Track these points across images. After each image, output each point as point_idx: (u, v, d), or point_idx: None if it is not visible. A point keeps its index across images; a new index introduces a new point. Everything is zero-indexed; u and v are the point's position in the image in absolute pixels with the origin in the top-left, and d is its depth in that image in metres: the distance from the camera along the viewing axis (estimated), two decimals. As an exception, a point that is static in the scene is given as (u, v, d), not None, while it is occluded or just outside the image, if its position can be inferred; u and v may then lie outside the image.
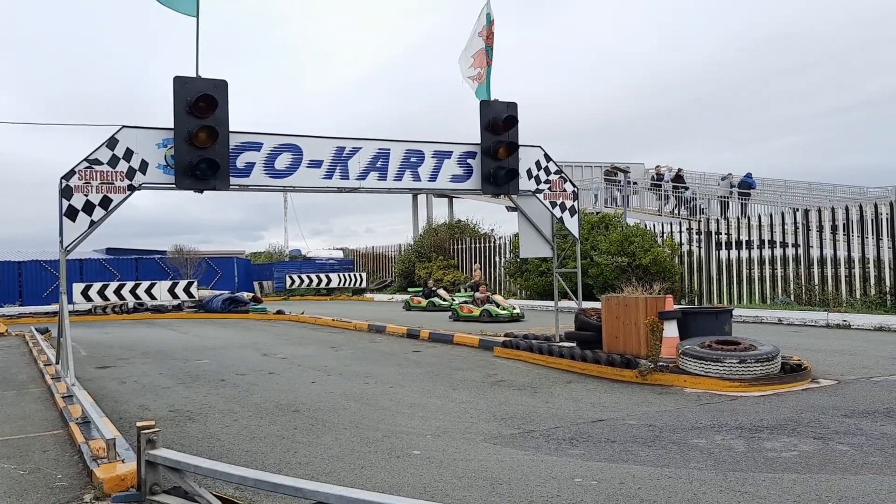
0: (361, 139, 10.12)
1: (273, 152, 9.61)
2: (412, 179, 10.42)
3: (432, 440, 6.38)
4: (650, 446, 6.00)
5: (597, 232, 22.96)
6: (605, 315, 10.67)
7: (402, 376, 10.12)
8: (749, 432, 6.35)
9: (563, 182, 11.69)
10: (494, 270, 30.70)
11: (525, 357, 11.43)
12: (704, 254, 22.13)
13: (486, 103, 10.85)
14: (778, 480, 4.95)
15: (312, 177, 9.83)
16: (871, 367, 9.66)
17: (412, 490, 4.92)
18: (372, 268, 40.40)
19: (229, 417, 7.54)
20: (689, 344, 9.15)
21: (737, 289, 21.09)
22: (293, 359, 12.36)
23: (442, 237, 33.60)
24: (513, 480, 5.11)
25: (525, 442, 6.27)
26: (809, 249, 19.30)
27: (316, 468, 5.53)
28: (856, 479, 4.94)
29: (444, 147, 10.70)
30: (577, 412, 7.48)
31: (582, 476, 5.18)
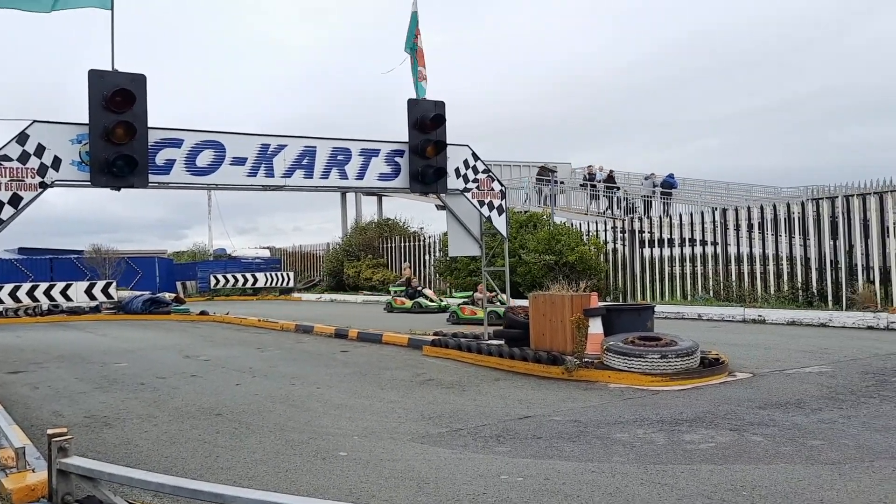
0: (287, 136, 9.95)
1: (194, 149, 9.36)
2: (339, 177, 10.31)
3: (359, 441, 6.32)
4: (575, 441, 6.09)
5: (525, 231, 23.23)
6: (533, 313, 10.80)
7: (330, 377, 10.01)
8: (669, 425, 6.52)
9: (491, 181, 11.77)
10: (424, 269, 30.72)
11: (454, 356, 11.46)
12: (628, 252, 22.66)
13: (414, 102, 10.83)
14: (696, 472, 5.09)
15: (236, 175, 9.62)
16: (784, 360, 10.06)
17: (337, 492, 4.85)
18: (300, 267, 39.87)
19: (148, 422, 7.30)
20: (613, 340, 9.35)
21: (659, 286, 21.68)
22: (217, 360, 12.07)
23: (371, 236, 33.40)
24: (439, 479, 5.10)
25: (452, 440, 6.28)
26: (727, 247, 19.99)
27: (238, 473, 5.40)
28: (768, 468, 5.13)
29: (371, 145, 10.63)
30: (504, 409, 7.53)
31: (508, 473, 5.21)
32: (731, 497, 4.53)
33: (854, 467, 5.07)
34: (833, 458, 5.31)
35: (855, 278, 16.63)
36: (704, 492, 4.65)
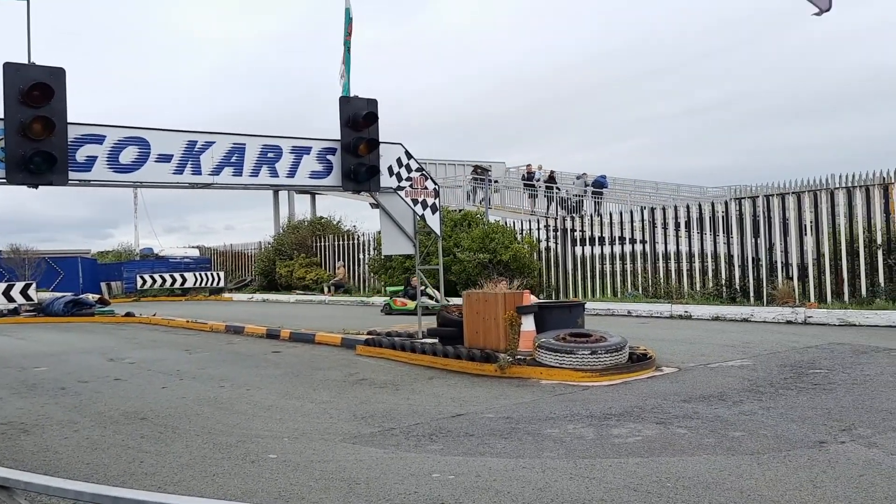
0: (214, 133, 9.74)
1: (117, 145, 9.07)
2: (269, 175, 10.14)
3: (290, 443, 6.23)
4: (507, 438, 6.15)
5: (460, 229, 23.32)
6: (466, 311, 10.85)
7: (260, 378, 9.84)
8: (598, 420, 6.64)
9: (425, 179, 11.77)
10: (358, 268, 30.53)
11: (388, 355, 11.42)
12: (561, 250, 22.99)
13: (346, 99, 10.75)
14: (623, 465, 5.20)
15: (162, 172, 9.37)
16: (708, 354, 10.37)
17: (266, 495, 4.78)
18: (231, 266, 39.10)
19: (69, 428, 7.04)
20: (545, 337, 9.47)
21: (591, 283, 22.07)
22: (142, 363, 11.73)
23: (304, 234, 32.99)
24: (371, 480, 5.07)
25: (385, 440, 6.25)
26: (656, 245, 20.49)
27: (164, 478, 5.26)
28: (692, 459, 5.28)
29: (302, 143, 10.50)
30: (437, 408, 7.55)
31: (440, 471, 5.22)
32: (656, 488, 4.65)
33: (772, 457, 5.27)
34: (753, 448, 5.50)
35: (775, 275, 17.28)
36: (631, 484, 4.75)
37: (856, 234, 15.89)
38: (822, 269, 16.42)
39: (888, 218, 15.50)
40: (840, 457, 5.20)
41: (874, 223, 15.69)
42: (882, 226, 15.52)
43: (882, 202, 15.65)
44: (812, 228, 16.79)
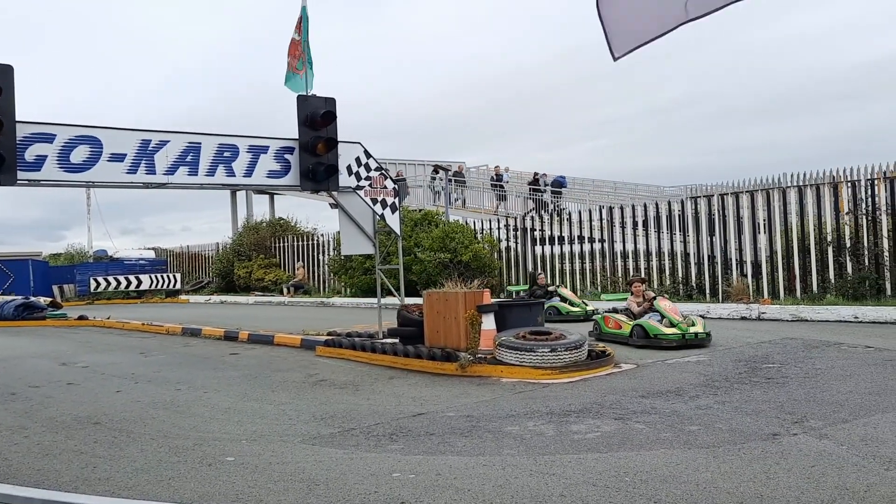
0: (169, 132, 9.57)
1: (68, 144, 8.86)
2: (226, 175, 10.00)
3: (248, 445, 6.15)
4: (467, 436, 6.15)
5: (420, 229, 23.29)
6: (427, 310, 10.84)
7: (218, 380, 9.70)
8: (558, 417, 6.68)
9: (384, 179, 11.73)
10: (318, 269, 30.30)
11: (348, 355, 11.35)
12: (521, 250, 23.12)
13: (304, 98, 10.65)
14: (582, 461, 5.24)
15: (114, 171, 9.17)
16: (665, 350, 10.50)
17: (223, 498, 4.70)
18: (187, 268, 38.49)
19: (19, 434, 6.85)
20: (506, 336, 9.50)
21: (551, 282, 22.21)
22: (96, 367, 11.47)
23: (263, 235, 32.63)
24: (330, 480, 5.03)
25: (345, 440, 6.21)
26: (614, 244, 20.73)
27: (117, 483, 5.14)
28: (650, 454, 5.35)
29: (260, 142, 10.37)
30: (398, 408, 7.52)
31: (400, 470, 5.20)
32: (615, 483, 4.69)
33: (727, 450, 5.36)
34: (708, 442, 5.59)
35: (730, 272, 17.60)
36: (590, 479, 4.79)
37: (807, 232, 16.28)
38: (776, 266, 16.79)
39: (838, 216, 15.91)
40: (792, 448, 5.31)
41: (824, 221, 16.09)
42: (832, 224, 15.92)
43: (832, 201, 16.06)
44: (765, 227, 17.16)
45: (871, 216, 15.33)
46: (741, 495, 4.38)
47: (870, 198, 15.41)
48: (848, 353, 9.59)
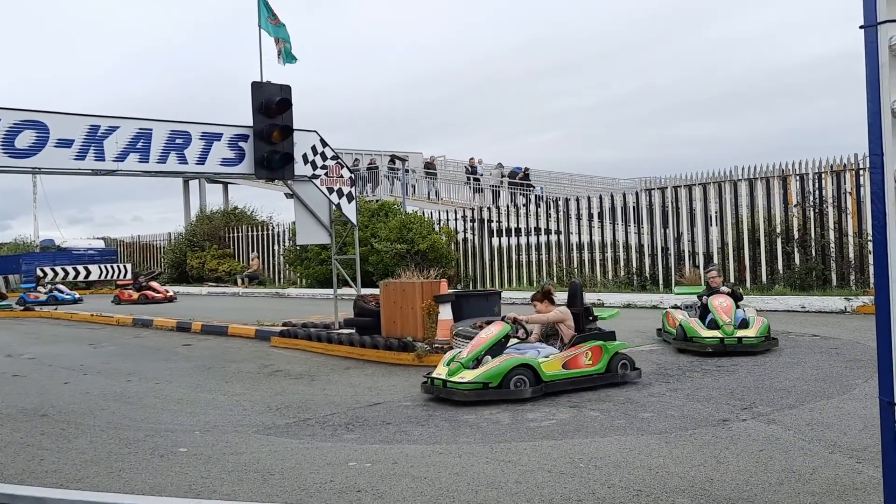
0: (119, 118, 9.33)
1: (13, 129, 8.58)
2: (178, 162, 9.80)
3: (201, 436, 6.06)
4: (423, 425, 6.15)
5: (377, 219, 23.18)
6: (384, 300, 10.81)
7: (170, 371, 9.53)
8: (514, 405, 6.72)
9: (340, 168, 11.63)
10: (273, 259, 29.95)
11: (303, 346, 11.25)
12: (478, 240, 23.19)
13: (258, 85, 10.48)
14: (538, 447, 5.28)
15: (62, 157, 8.91)
16: (620, 339, 10.61)
17: (175, 489, 4.62)
18: (138, 258, 37.71)
19: (-39, 428, 6.64)
20: (463, 325, 9.51)
21: (507, 273, 22.34)
22: (43, 359, 11.18)
23: (217, 225, 32.12)
24: (286, 470, 4.98)
25: (300, 431, 6.16)
26: (570, 236, 20.92)
27: (66, 475, 5.02)
28: (604, 440, 5.42)
29: (213, 129, 10.18)
30: (354, 397, 7.49)
31: (356, 460, 5.18)
32: (570, 469, 4.74)
33: (679, 435, 5.46)
34: (661, 428, 5.69)
35: (683, 263, 17.90)
36: (545, 466, 4.83)
37: (757, 224, 16.65)
38: (727, 257, 17.13)
39: (787, 209, 16.30)
40: (742, 434, 5.44)
41: (774, 213, 16.47)
42: (781, 216, 16.30)
43: (781, 193, 16.44)
44: (717, 219, 17.49)
45: (818, 209, 15.74)
46: (692, 479, 4.46)
47: (817, 191, 15.82)
48: (795, 341, 9.83)
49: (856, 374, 7.48)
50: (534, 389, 6.87)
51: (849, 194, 15.30)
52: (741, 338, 8.89)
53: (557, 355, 7.26)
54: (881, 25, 2.54)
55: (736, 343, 8.85)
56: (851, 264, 15.12)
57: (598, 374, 7.37)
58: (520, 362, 6.98)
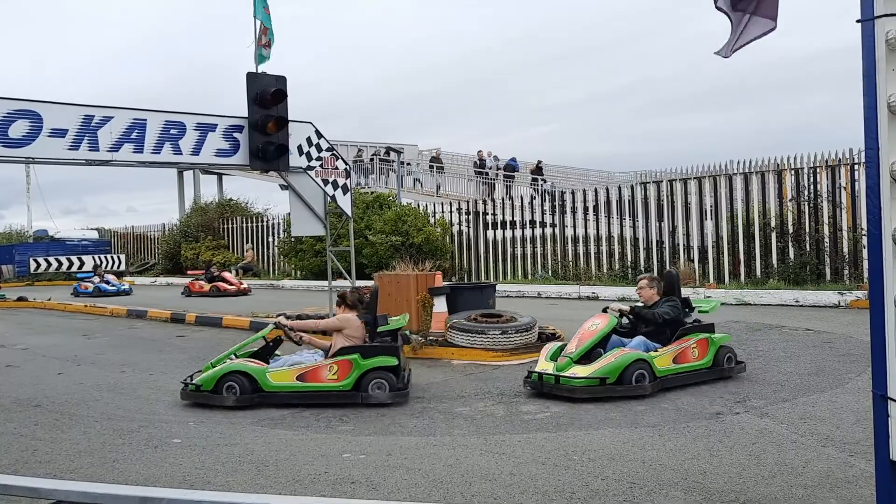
0: (113, 108, 9.27)
1: (6, 119, 8.51)
2: (173, 153, 9.74)
3: (195, 427, 6.05)
4: (418, 417, 6.16)
5: (371, 211, 23.14)
6: (379, 293, 10.78)
7: (164, 363, 9.52)
8: (508, 398, 6.74)
9: (335, 160, 11.60)
10: (268, 251, 29.88)
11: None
12: (473, 233, 23.17)
13: (254, 76, 10.42)
14: (532, 440, 5.29)
15: (56, 147, 8.85)
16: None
17: (170, 480, 4.62)
18: (132, 249, 37.59)
19: (-46, 418, 6.62)
20: (457, 318, 9.52)
21: (502, 266, 22.34)
22: (37, 349, 11.14)
23: (211, 216, 32.02)
24: (280, 461, 4.99)
25: (294, 422, 6.16)
26: (565, 229, 20.91)
27: (59, 466, 5.02)
28: (598, 433, 5.43)
29: (208, 119, 10.12)
30: (348, 389, 7.47)
31: (351, 451, 5.18)
32: (563, 461, 4.75)
33: (672, 428, 5.48)
34: (654, 421, 5.71)
35: (677, 257, 17.94)
36: (539, 458, 4.85)
37: (752, 218, 16.66)
38: (721, 251, 17.15)
39: (781, 203, 16.32)
40: (735, 427, 5.46)
41: (769, 207, 16.49)
42: (776, 210, 16.32)
43: (776, 187, 16.46)
44: (712, 212, 17.51)
45: (812, 203, 15.76)
46: (686, 472, 4.48)
47: (812, 185, 15.84)
48: (789, 335, 9.87)
49: (849, 367, 7.51)
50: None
51: (843, 189, 15.32)
52: (560, 377, 6.67)
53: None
54: (878, 20, 2.54)
55: (553, 382, 6.70)
56: (845, 259, 15.16)
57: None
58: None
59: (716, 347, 7.19)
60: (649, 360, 6.63)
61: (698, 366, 6.99)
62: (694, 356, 7.00)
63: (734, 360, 7.29)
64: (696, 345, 7.05)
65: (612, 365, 6.48)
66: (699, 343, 7.08)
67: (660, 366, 6.70)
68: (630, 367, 6.48)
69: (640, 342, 6.92)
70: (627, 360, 6.51)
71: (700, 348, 7.07)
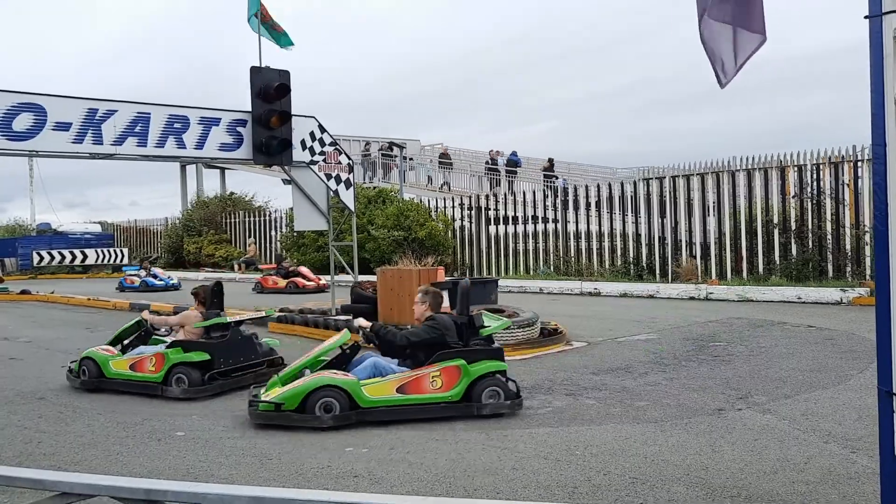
0: (117, 101, 9.27)
1: (10, 112, 8.52)
2: (176, 147, 9.75)
3: (199, 420, 6.07)
4: (420, 412, 6.16)
5: (374, 206, 23.16)
6: (381, 287, 10.81)
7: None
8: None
9: (339, 154, 11.60)
10: (270, 245, 29.93)
11: (300, 332, 11.27)
12: (475, 228, 23.18)
13: (257, 70, 10.42)
14: (534, 435, 5.30)
15: (59, 141, 8.86)
16: (616, 329, 10.68)
17: (173, 473, 4.64)
18: (135, 243, 37.67)
19: (-42, 410, 6.64)
20: (459, 313, 9.51)
21: (504, 261, 22.35)
22: (40, 342, 11.17)
23: (213, 210, 32.07)
24: (283, 454, 5.00)
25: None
26: (567, 224, 20.91)
27: (63, 458, 5.04)
28: (600, 428, 5.44)
29: (211, 113, 10.13)
30: (350, 383, 7.48)
31: (353, 445, 5.19)
32: (566, 456, 4.76)
33: (674, 424, 5.48)
34: (656, 417, 5.71)
35: (680, 253, 17.93)
36: (541, 453, 4.86)
37: (755, 215, 16.66)
38: (724, 247, 17.14)
39: (784, 200, 16.30)
40: (737, 423, 5.46)
41: (771, 204, 16.48)
42: (779, 207, 16.31)
43: (779, 184, 16.44)
44: (715, 209, 17.49)
45: (815, 200, 15.74)
46: (688, 467, 4.49)
47: (815, 182, 15.82)
48: (791, 332, 9.87)
49: (851, 364, 7.51)
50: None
51: (847, 186, 15.31)
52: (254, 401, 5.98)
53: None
54: (886, 16, 2.54)
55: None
56: (848, 256, 15.15)
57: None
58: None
59: (470, 378, 5.84)
60: (347, 388, 5.64)
61: (438, 398, 5.80)
62: (433, 387, 5.81)
63: (502, 395, 5.86)
64: (439, 373, 5.83)
65: (292, 391, 5.68)
66: (445, 371, 5.83)
67: (372, 395, 5.70)
68: (315, 393, 5.60)
69: (370, 364, 5.97)
70: (311, 385, 5.65)
71: (445, 378, 5.83)
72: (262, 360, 7.67)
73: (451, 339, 6.00)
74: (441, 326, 5.98)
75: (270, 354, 7.83)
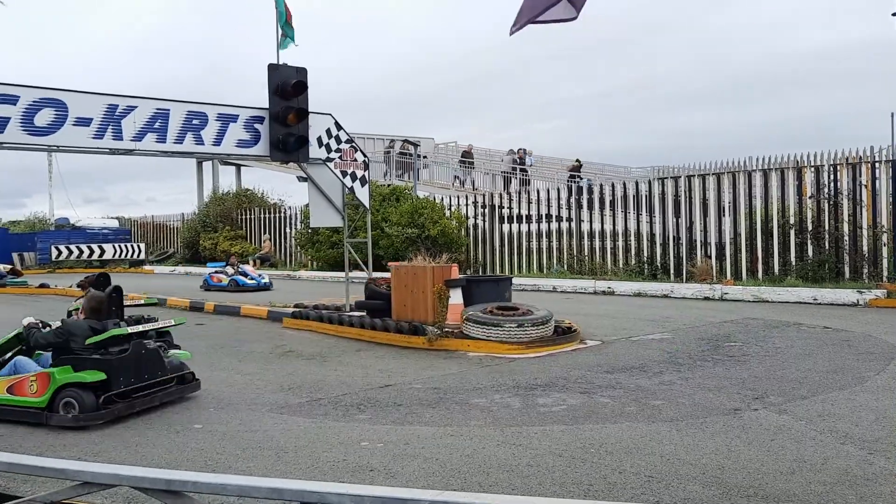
0: (137, 97, 9.38)
1: (32, 107, 8.64)
2: (195, 143, 9.85)
3: (215, 413, 6.14)
4: (434, 408, 6.20)
5: (388, 204, 23.21)
6: (395, 284, 10.84)
7: (185, 350, 9.60)
8: (525, 390, 6.77)
9: (354, 151, 11.66)
10: (285, 241, 30.05)
11: (315, 327, 11.33)
12: (489, 226, 23.18)
13: (275, 67, 10.50)
14: (548, 432, 5.32)
15: (80, 136, 8.97)
16: (630, 328, 10.67)
17: (191, 464, 4.70)
18: (152, 238, 37.91)
19: (-21, 401, 6.73)
20: (473, 310, 9.56)
21: (517, 259, 22.34)
22: (59, 335, 11.28)
23: (229, 207, 32.24)
24: (299, 448, 5.05)
25: (313, 410, 6.23)
26: (581, 223, 20.88)
27: (83, 449, 5.11)
28: (615, 426, 5.45)
29: (229, 110, 10.22)
30: (365, 379, 7.55)
31: (368, 439, 5.24)
32: (580, 454, 4.78)
33: (690, 423, 5.48)
34: (672, 416, 5.71)
35: (694, 253, 17.85)
36: (556, 450, 4.87)
37: (770, 215, 16.55)
38: (739, 247, 17.05)
39: (801, 200, 16.20)
40: (753, 423, 5.46)
41: (787, 204, 16.38)
42: (795, 208, 16.21)
43: (796, 184, 16.34)
44: (730, 209, 17.41)
45: (832, 201, 15.63)
46: (703, 467, 4.49)
47: (832, 183, 15.71)
48: (807, 332, 9.82)
49: (868, 366, 7.47)
50: None
51: (864, 187, 15.19)
52: None
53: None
54: (908, 16, 2.53)
55: None
56: (865, 257, 15.03)
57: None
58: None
59: (55, 386, 5.79)
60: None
61: (29, 402, 5.85)
62: (31, 391, 5.88)
63: (76, 408, 5.73)
64: (35, 378, 5.91)
65: None
66: (39, 377, 5.89)
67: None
68: None
69: (12, 363, 6.23)
70: None
71: (40, 383, 5.86)
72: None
73: (77, 345, 6.04)
74: (66, 332, 6.10)
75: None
